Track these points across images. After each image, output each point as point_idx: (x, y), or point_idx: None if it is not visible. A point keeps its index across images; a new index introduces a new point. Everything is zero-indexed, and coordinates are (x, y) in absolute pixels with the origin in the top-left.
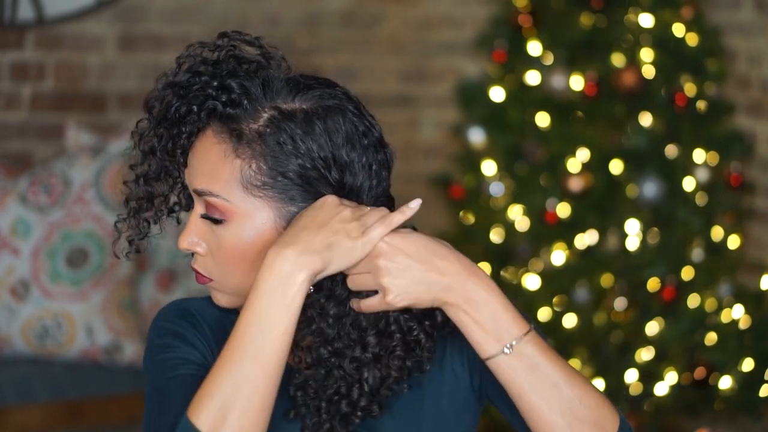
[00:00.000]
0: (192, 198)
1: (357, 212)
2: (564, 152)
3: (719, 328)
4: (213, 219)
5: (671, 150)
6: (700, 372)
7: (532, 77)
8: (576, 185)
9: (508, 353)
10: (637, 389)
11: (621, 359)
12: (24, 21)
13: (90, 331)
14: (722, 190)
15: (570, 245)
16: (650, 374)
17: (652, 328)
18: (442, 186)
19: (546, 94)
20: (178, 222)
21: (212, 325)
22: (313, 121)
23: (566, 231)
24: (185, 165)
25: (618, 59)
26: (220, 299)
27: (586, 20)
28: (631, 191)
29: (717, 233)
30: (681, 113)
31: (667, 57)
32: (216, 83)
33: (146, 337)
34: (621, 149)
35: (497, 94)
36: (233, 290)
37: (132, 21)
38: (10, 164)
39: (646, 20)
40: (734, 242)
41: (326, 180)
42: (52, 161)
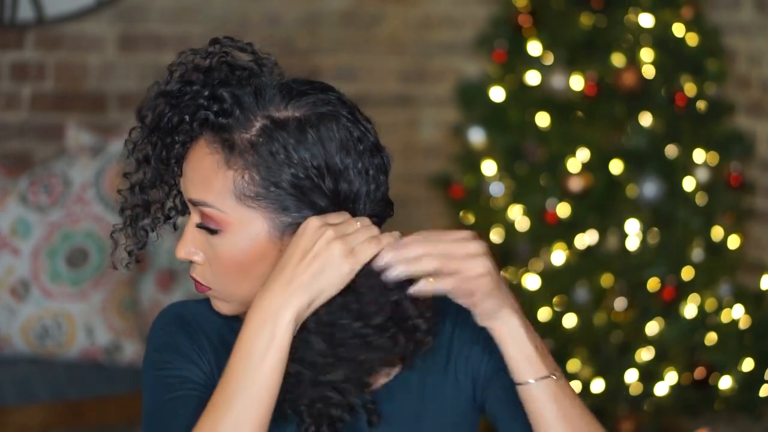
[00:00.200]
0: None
1: (341, 230)
2: (564, 152)
3: (719, 328)
4: (208, 229)
5: (671, 150)
6: (700, 372)
7: (532, 77)
8: (576, 185)
9: (547, 382)
10: (637, 389)
11: (621, 359)
12: (24, 21)
13: (90, 331)
14: (722, 190)
15: (570, 245)
16: (650, 374)
17: (652, 328)
18: (442, 186)
19: (546, 94)
20: (175, 228)
21: (210, 336)
22: (306, 130)
23: (566, 231)
24: (180, 173)
25: (618, 59)
26: (221, 307)
27: (586, 20)
28: (631, 191)
29: (717, 233)
30: (681, 113)
31: (667, 57)
32: (207, 93)
33: (146, 342)
34: (621, 149)
35: (497, 94)
36: (232, 298)
37: (132, 21)
38: (10, 164)
39: (646, 20)
40: (734, 242)
41: (320, 189)
42: (52, 161)
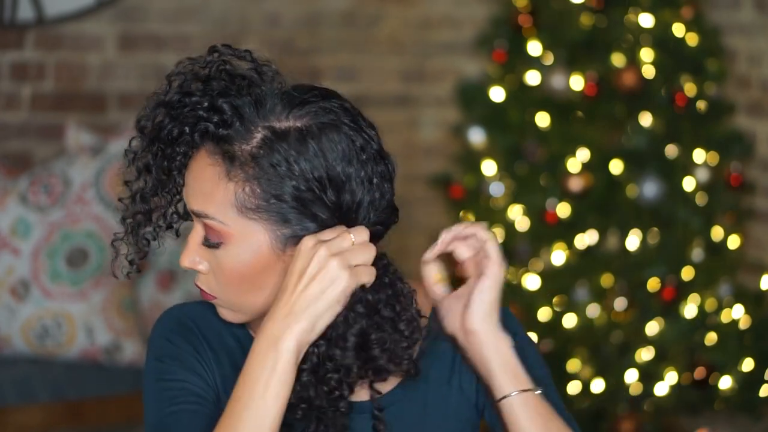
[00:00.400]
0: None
1: (335, 246)
2: (564, 152)
3: (719, 328)
4: (211, 244)
5: (671, 150)
6: (700, 372)
7: (532, 77)
8: (576, 185)
9: (523, 396)
10: (637, 389)
11: (621, 359)
12: (24, 21)
13: (90, 331)
14: (722, 190)
15: (570, 245)
16: (650, 374)
17: (652, 328)
18: (442, 186)
19: (546, 94)
20: (177, 235)
21: (211, 340)
22: (308, 141)
23: (566, 231)
24: (182, 182)
25: (618, 59)
26: (226, 315)
27: (586, 20)
28: (631, 191)
29: (717, 233)
30: (681, 113)
31: (667, 57)
32: (207, 103)
33: (146, 348)
34: (621, 149)
35: (497, 94)
36: (237, 308)
37: (132, 21)
38: (10, 164)
39: (646, 20)
40: (734, 242)
41: (322, 201)
42: (52, 161)
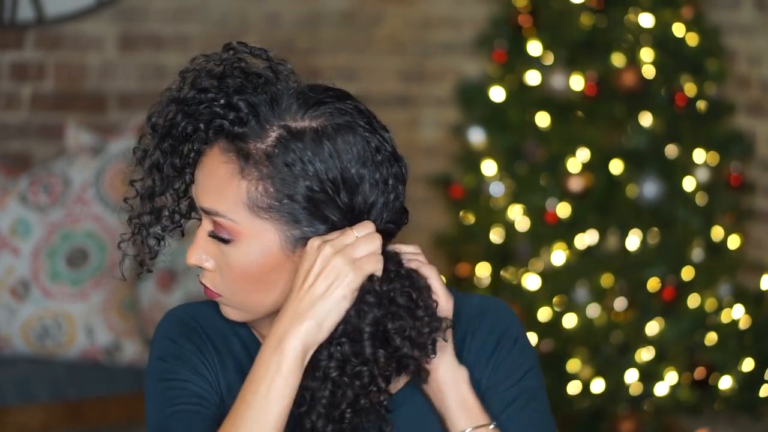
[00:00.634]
0: (193, 206)
1: (338, 243)
2: (564, 152)
3: (719, 328)
4: (220, 238)
5: (671, 150)
6: (700, 372)
7: (532, 77)
8: (576, 185)
9: (484, 430)
10: (637, 389)
11: (621, 359)
12: (24, 21)
13: (90, 331)
14: (722, 190)
15: (570, 245)
16: (650, 374)
17: (652, 328)
18: (442, 186)
19: (546, 94)
20: (183, 234)
21: (215, 341)
22: (323, 141)
23: (566, 231)
24: (192, 180)
25: (618, 59)
26: (230, 313)
27: (586, 20)
28: (631, 191)
29: (717, 233)
30: (681, 113)
31: (667, 57)
32: (223, 101)
33: (149, 348)
34: (621, 149)
35: (497, 94)
36: (242, 307)
37: (132, 21)
38: (10, 164)
39: (646, 20)
40: (734, 242)
41: (335, 203)
42: (52, 161)
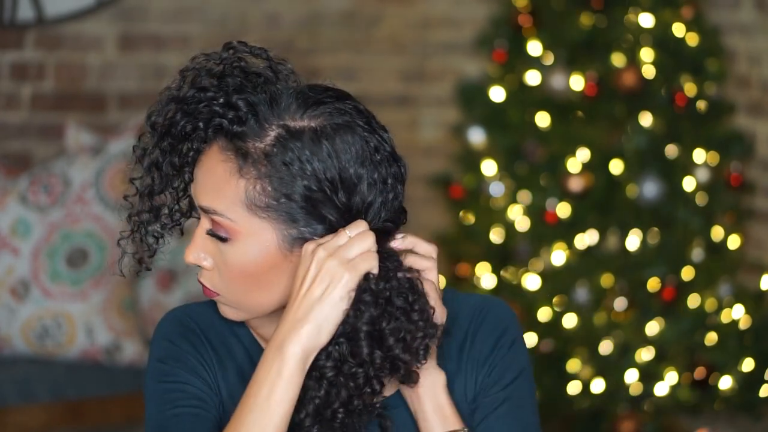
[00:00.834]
0: (193, 205)
1: (332, 245)
2: (564, 152)
3: (719, 328)
4: (218, 236)
5: (671, 150)
6: (700, 372)
7: (532, 77)
8: (576, 185)
9: None
10: (637, 389)
11: (621, 359)
12: (24, 21)
13: (90, 331)
14: (722, 190)
15: (570, 245)
16: (650, 374)
17: (652, 328)
18: (442, 186)
19: (546, 94)
20: (182, 233)
21: (214, 342)
22: (322, 141)
23: (566, 231)
24: (191, 178)
25: (618, 59)
26: (228, 312)
27: (586, 20)
28: (631, 191)
29: (717, 233)
30: (681, 113)
31: (667, 57)
32: (222, 99)
33: (149, 349)
34: (621, 149)
35: (497, 94)
36: (240, 306)
37: (132, 21)
38: (10, 164)
39: (646, 20)
40: (734, 242)
41: (332, 203)
42: (52, 161)
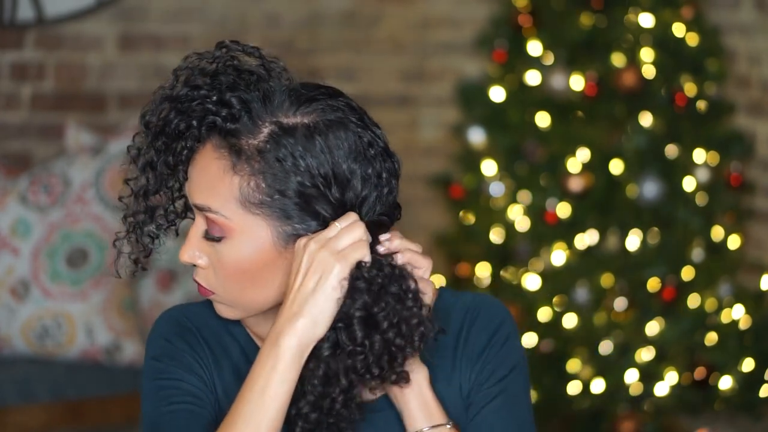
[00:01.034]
0: (189, 206)
1: (322, 238)
2: (564, 152)
3: (719, 328)
4: (213, 235)
5: (671, 150)
6: (700, 372)
7: (532, 77)
8: (576, 185)
9: (435, 431)
10: (637, 389)
11: (621, 359)
12: (24, 21)
13: (90, 331)
14: (722, 190)
15: (570, 245)
16: (650, 374)
17: (652, 328)
18: (442, 186)
19: (546, 94)
20: (177, 234)
21: (210, 341)
22: (315, 137)
23: (566, 231)
24: (186, 177)
25: (618, 59)
26: (223, 311)
27: (586, 20)
28: (631, 191)
29: (717, 233)
30: (681, 113)
31: (667, 57)
32: (215, 97)
33: (145, 348)
34: (621, 149)
35: (497, 94)
36: (236, 304)
37: (132, 21)
38: (10, 164)
39: (646, 20)
40: (734, 242)
41: (326, 198)
42: (52, 161)
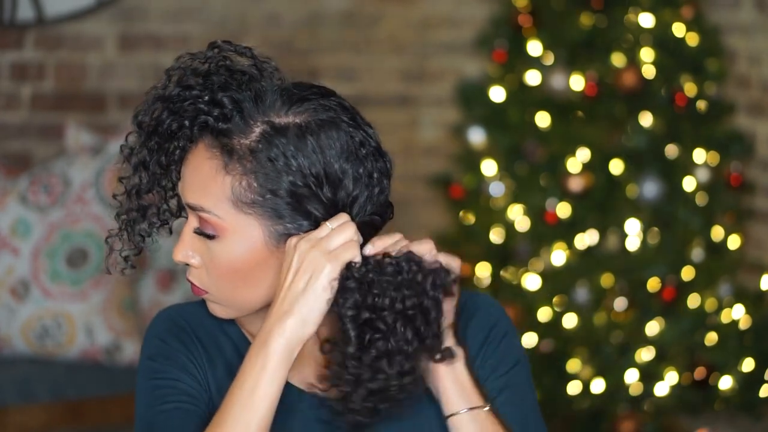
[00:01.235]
0: (182, 205)
1: (313, 237)
2: (564, 152)
3: (719, 328)
4: (205, 234)
5: (671, 150)
6: (700, 372)
7: (532, 77)
8: (576, 185)
9: (472, 413)
10: (637, 389)
11: (621, 359)
12: (24, 21)
13: (90, 331)
14: (722, 190)
15: (570, 245)
16: (650, 374)
17: (652, 328)
18: (442, 186)
19: (546, 94)
20: (170, 232)
21: (204, 341)
22: (306, 137)
23: (566, 231)
24: (178, 177)
25: (618, 59)
26: (217, 310)
27: (586, 20)
28: (631, 191)
29: (717, 233)
30: (681, 113)
31: (667, 57)
32: (207, 97)
33: (141, 345)
34: (621, 149)
35: (497, 94)
36: (229, 303)
37: (132, 21)
38: (10, 164)
39: (646, 20)
40: (734, 242)
41: (317, 198)
42: (52, 161)
